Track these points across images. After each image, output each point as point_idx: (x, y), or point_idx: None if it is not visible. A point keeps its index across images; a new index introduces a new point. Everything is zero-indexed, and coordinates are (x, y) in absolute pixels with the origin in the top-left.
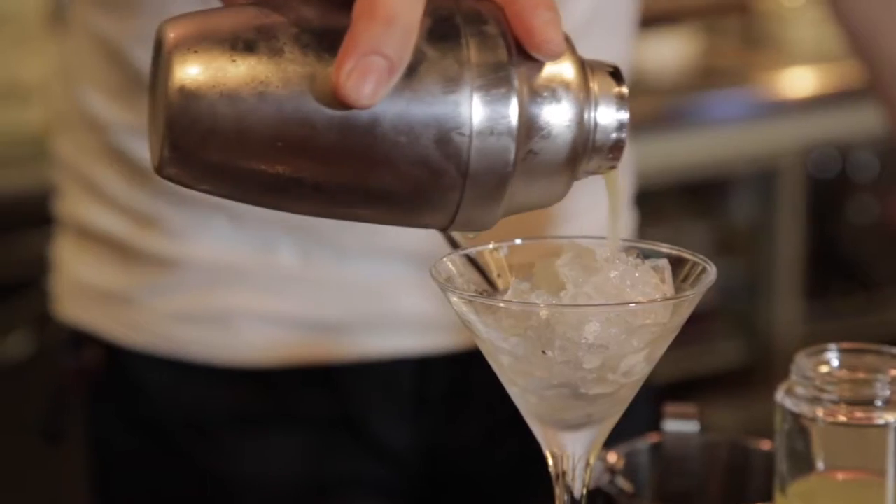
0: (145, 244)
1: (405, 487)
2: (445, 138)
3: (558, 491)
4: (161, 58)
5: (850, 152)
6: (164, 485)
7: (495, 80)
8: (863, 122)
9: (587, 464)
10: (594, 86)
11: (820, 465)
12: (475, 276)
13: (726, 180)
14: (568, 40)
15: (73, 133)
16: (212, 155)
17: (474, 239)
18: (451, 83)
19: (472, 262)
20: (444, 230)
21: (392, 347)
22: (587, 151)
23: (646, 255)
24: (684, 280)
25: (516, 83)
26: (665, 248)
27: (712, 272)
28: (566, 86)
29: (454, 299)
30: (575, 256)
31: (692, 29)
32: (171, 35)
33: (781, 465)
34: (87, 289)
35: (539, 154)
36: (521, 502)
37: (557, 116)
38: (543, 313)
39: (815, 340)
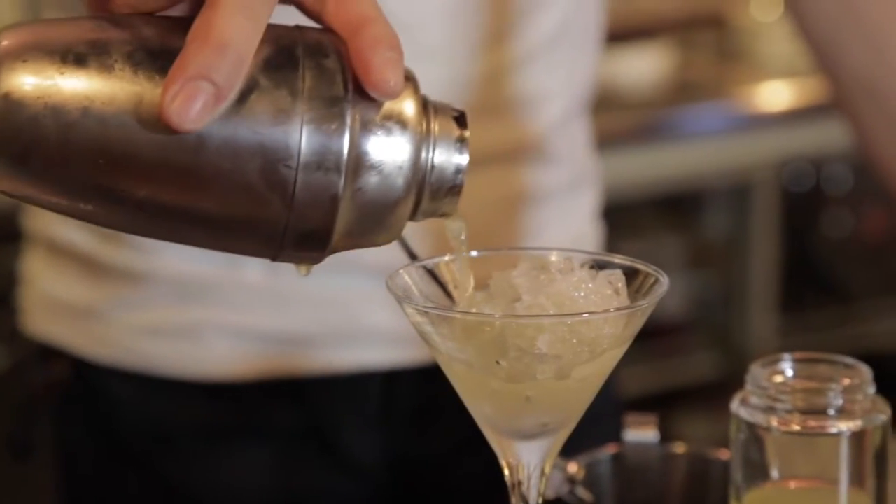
0: (113, 259)
1: (374, 500)
2: (272, 169)
3: (514, 501)
4: None
5: (824, 166)
6: (133, 499)
7: (327, 114)
8: (837, 135)
9: (542, 473)
10: (434, 127)
11: (774, 473)
12: (432, 287)
13: (701, 194)
14: (412, 78)
15: None
16: (34, 167)
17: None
18: (282, 114)
19: (429, 273)
20: (273, 260)
21: (360, 360)
22: (423, 192)
23: (600, 266)
24: (638, 291)
25: (348, 119)
26: (619, 260)
27: (665, 283)
28: (402, 124)
29: (409, 310)
30: (530, 268)
31: (667, 43)
32: (4, 43)
33: (737, 475)
34: (56, 303)
35: (368, 192)
36: None
37: (390, 155)
38: (498, 324)
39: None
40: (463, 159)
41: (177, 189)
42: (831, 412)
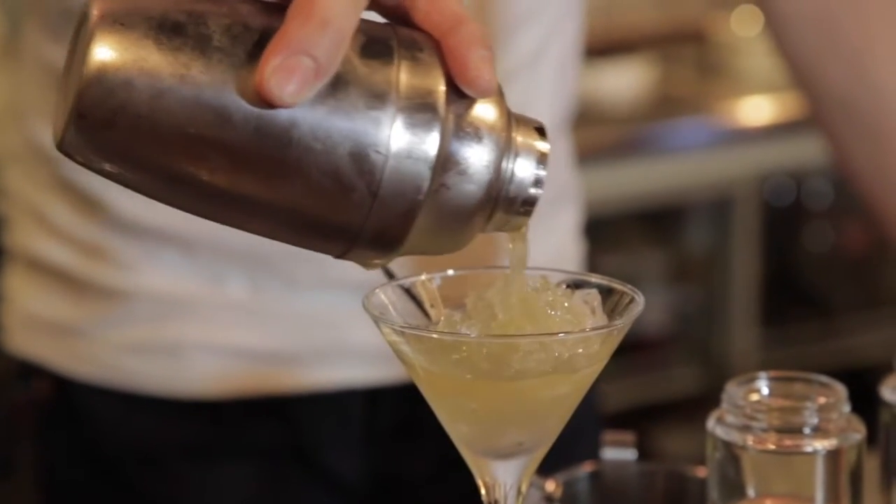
0: (95, 276)
1: None
2: (362, 153)
3: None
4: (84, 29)
5: (805, 180)
6: None
7: (421, 105)
8: (817, 150)
9: (519, 492)
10: (517, 137)
11: (751, 492)
12: (409, 306)
13: (682, 208)
14: (500, 89)
15: (23, 165)
16: (119, 132)
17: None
18: (376, 100)
19: (406, 292)
20: (341, 255)
21: (342, 378)
22: (500, 201)
23: (576, 286)
24: (614, 310)
25: (442, 112)
26: (595, 279)
27: (640, 302)
28: (490, 128)
29: (386, 329)
30: (506, 287)
31: (648, 58)
32: (100, 6)
33: (713, 493)
34: (37, 321)
35: (451, 190)
36: None
37: (476, 156)
38: (474, 343)
39: (772, 368)
40: (542, 172)
41: (263, 167)
42: (807, 431)
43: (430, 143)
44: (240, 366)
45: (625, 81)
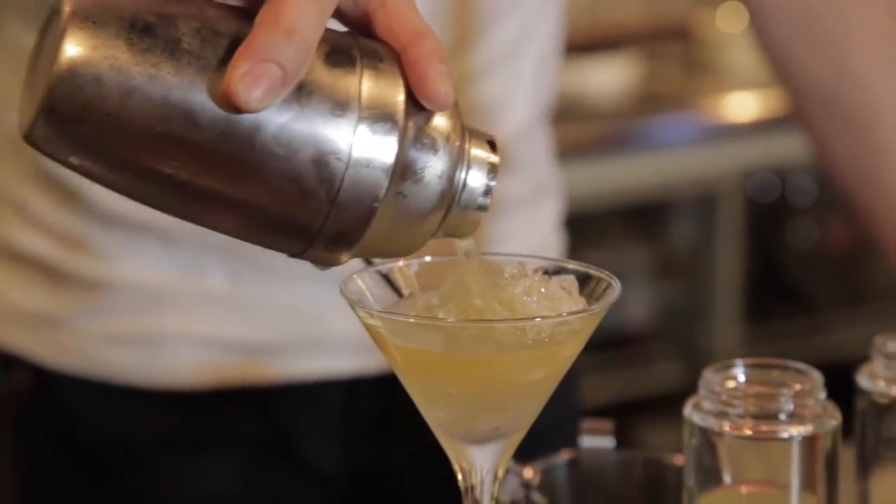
0: (75, 267)
1: None
2: (322, 160)
3: None
4: (55, 24)
5: (790, 176)
6: None
7: (382, 114)
8: (802, 146)
9: (495, 477)
10: (470, 149)
11: (727, 478)
12: (386, 292)
13: (667, 204)
14: (455, 103)
15: (2, 157)
16: (87, 127)
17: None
18: (339, 108)
19: (384, 278)
20: (298, 255)
21: (323, 369)
22: (451, 208)
23: (553, 272)
24: (591, 296)
25: (401, 123)
26: (572, 265)
27: (617, 288)
28: (446, 139)
29: (362, 314)
30: (484, 273)
31: (633, 54)
32: (72, 3)
33: (689, 480)
34: (17, 311)
35: (407, 197)
36: None
37: (432, 165)
38: (451, 328)
39: None
40: (492, 182)
41: (226, 168)
42: (783, 417)
43: (388, 152)
44: (220, 357)
45: (610, 77)
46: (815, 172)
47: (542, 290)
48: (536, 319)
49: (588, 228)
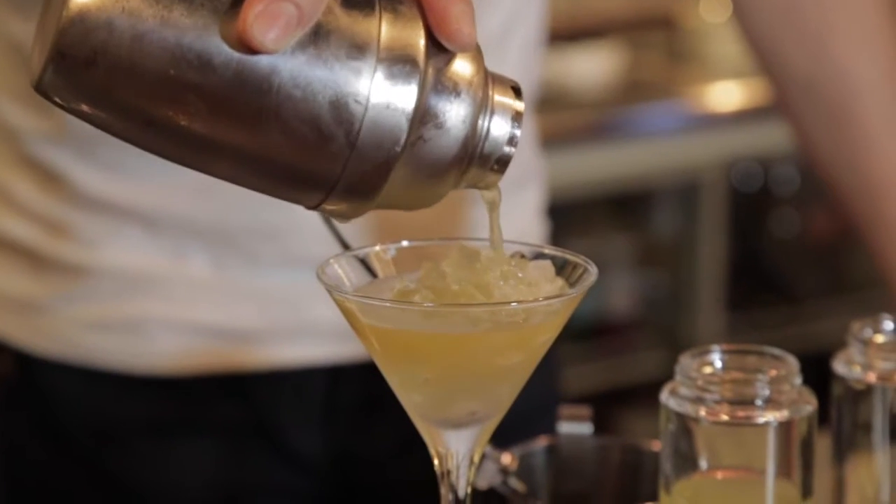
0: (57, 252)
1: (318, 495)
2: (341, 102)
3: (444, 490)
4: None
5: (772, 166)
6: (76, 493)
7: (402, 56)
8: (785, 136)
9: (471, 462)
10: (494, 94)
11: (703, 464)
12: (364, 277)
13: (650, 193)
14: (478, 47)
15: None
16: (98, 73)
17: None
18: (358, 50)
19: (361, 262)
20: (315, 206)
21: (305, 356)
22: (474, 157)
23: (531, 257)
24: (567, 280)
25: (422, 65)
26: (549, 250)
27: (593, 273)
28: (468, 84)
29: (338, 298)
30: (461, 258)
31: (617, 43)
32: None
33: (666, 465)
34: None
35: (428, 143)
36: None
37: (454, 110)
38: (426, 313)
39: None
40: (516, 131)
41: (242, 113)
42: (759, 403)
43: (409, 96)
44: (202, 343)
45: (593, 66)
46: (797, 162)
47: (519, 274)
48: (512, 304)
49: (570, 217)
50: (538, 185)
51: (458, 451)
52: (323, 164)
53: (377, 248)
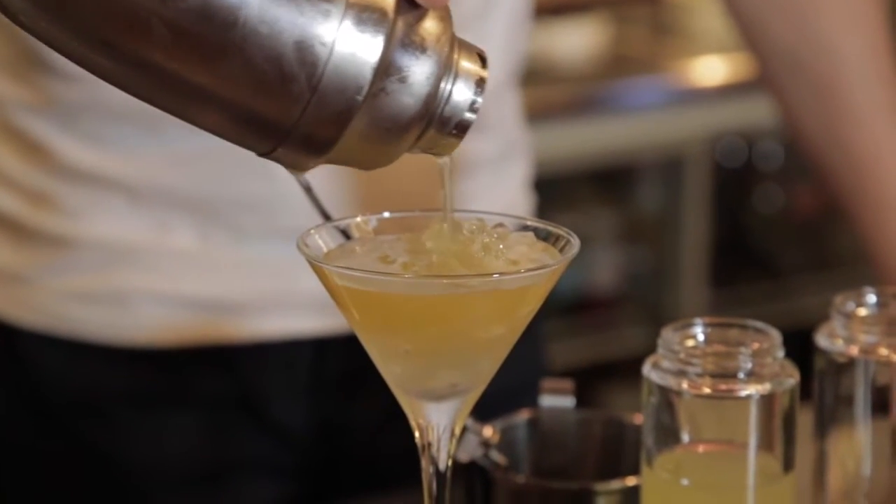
0: (41, 223)
1: (303, 467)
2: (306, 44)
3: (424, 463)
4: None
5: (757, 142)
6: (60, 466)
7: (372, 5)
8: (769, 111)
9: (452, 434)
10: (460, 59)
11: (685, 437)
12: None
13: (634, 168)
14: (448, 11)
15: None
16: None
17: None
18: None
19: (342, 233)
20: (269, 153)
21: (290, 328)
22: (434, 118)
23: (514, 229)
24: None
25: (391, 16)
26: (531, 222)
27: (576, 245)
28: (436, 42)
29: (317, 267)
30: (442, 229)
31: (601, 17)
32: None
33: (648, 439)
34: None
35: (390, 96)
36: (418, 483)
37: (418, 66)
38: (407, 283)
39: None
40: (478, 98)
41: (206, 45)
42: (741, 376)
43: (375, 45)
44: (186, 315)
45: (578, 40)
46: (781, 138)
47: (501, 246)
48: (494, 276)
49: (555, 191)
50: (524, 158)
51: (438, 423)
52: (282, 105)
53: (358, 218)
